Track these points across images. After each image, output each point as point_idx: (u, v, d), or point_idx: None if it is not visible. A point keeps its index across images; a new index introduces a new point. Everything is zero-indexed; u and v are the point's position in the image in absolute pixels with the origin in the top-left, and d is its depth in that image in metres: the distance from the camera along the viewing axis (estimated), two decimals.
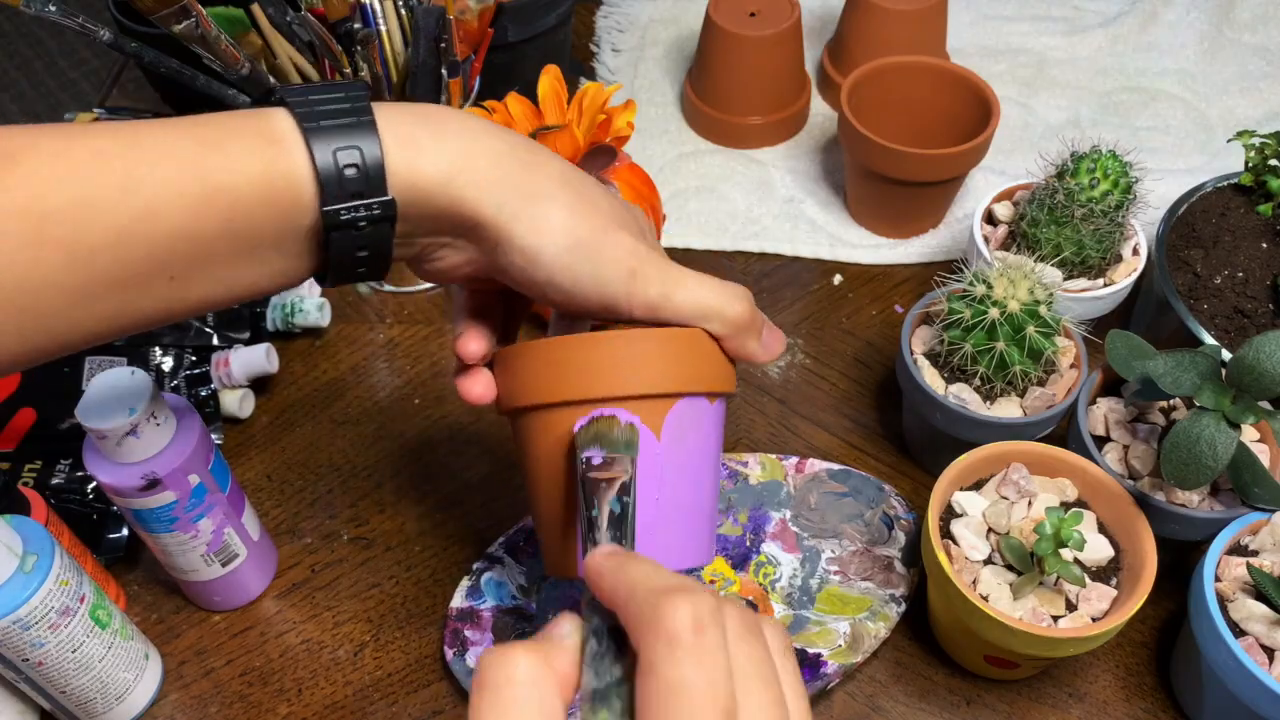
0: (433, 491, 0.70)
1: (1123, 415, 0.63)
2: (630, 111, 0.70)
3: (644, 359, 0.43)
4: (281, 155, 0.37)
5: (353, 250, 0.39)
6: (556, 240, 0.41)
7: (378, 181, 0.37)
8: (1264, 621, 0.53)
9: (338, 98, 0.38)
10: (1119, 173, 0.68)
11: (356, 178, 0.37)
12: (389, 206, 0.38)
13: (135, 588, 0.66)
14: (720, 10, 0.88)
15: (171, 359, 0.69)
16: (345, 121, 0.37)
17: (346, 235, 0.38)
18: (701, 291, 0.44)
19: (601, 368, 0.43)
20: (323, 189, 0.37)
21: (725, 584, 0.63)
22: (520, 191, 0.40)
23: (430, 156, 0.38)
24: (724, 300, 0.44)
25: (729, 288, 0.45)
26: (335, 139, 0.37)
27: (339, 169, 0.37)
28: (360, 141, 0.37)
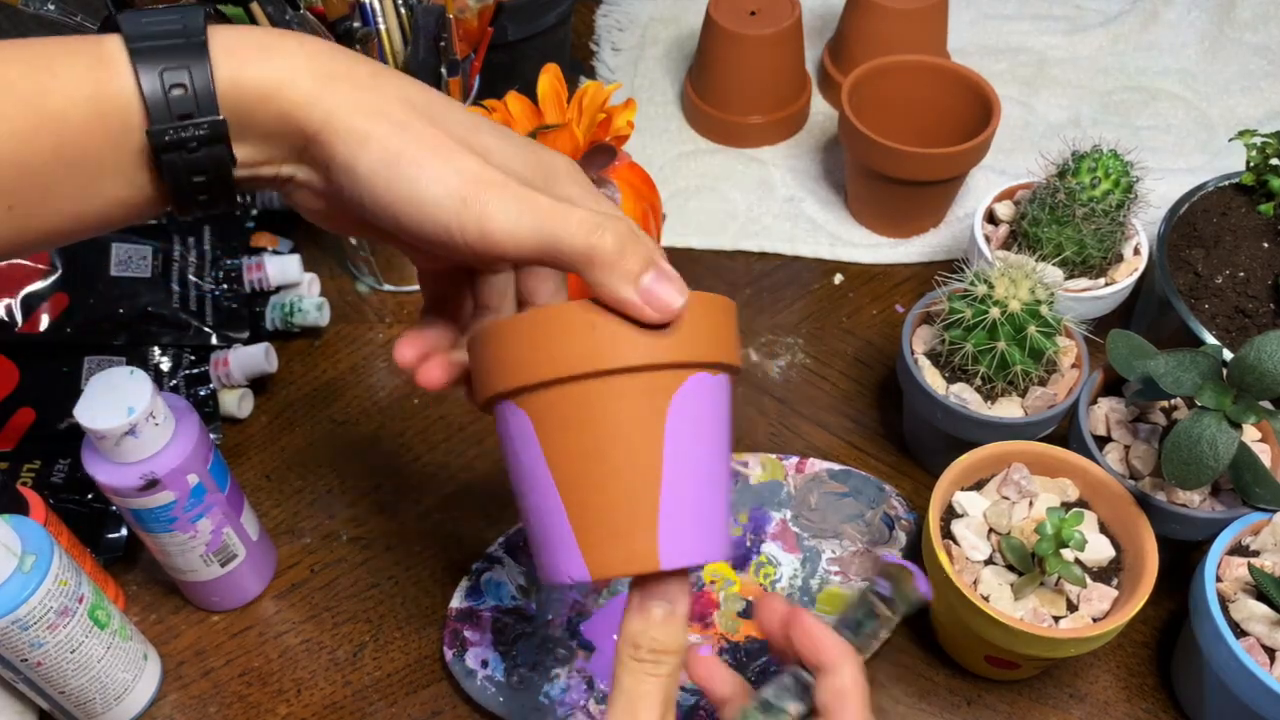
0: (433, 491, 0.70)
1: (1124, 415, 0.62)
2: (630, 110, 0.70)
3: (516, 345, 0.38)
4: (109, 78, 0.36)
5: (189, 174, 0.38)
6: (373, 154, 0.37)
7: (207, 102, 0.37)
8: (1265, 622, 0.53)
9: (171, 19, 0.37)
10: (1120, 172, 0.68)
11: (184, 98, 0.36)
12: (219, 126, 0.37)
13: (134, 588, 0.66)
14: (721, 9, 0.88)
15: (170, 359, 0.69)
16: (175, 42, 0.36)
17: (179, 157, 0.37)
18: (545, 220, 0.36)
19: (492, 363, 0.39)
20: (149, 111, 0.36)
21: (725, 584, 0.63)
22: (346, 106, 0.37)
23: (256, 69, 0.37)
24: (572, 231, 0.36)
25: (589, 217, 0.37)
26: (163, 59, 0.36)
27: (165, 90, 0.36)
28: (189, 62, 0.36)
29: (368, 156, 0.37)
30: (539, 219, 0.37)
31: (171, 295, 0.70)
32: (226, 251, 0.75)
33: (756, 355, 0.78)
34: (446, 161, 0.37)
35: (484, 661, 0.60)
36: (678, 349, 0.38)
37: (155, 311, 0.69)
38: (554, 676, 0.59)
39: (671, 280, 0.37)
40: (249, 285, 0.75)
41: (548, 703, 0.58)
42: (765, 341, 0.78)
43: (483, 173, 0.37)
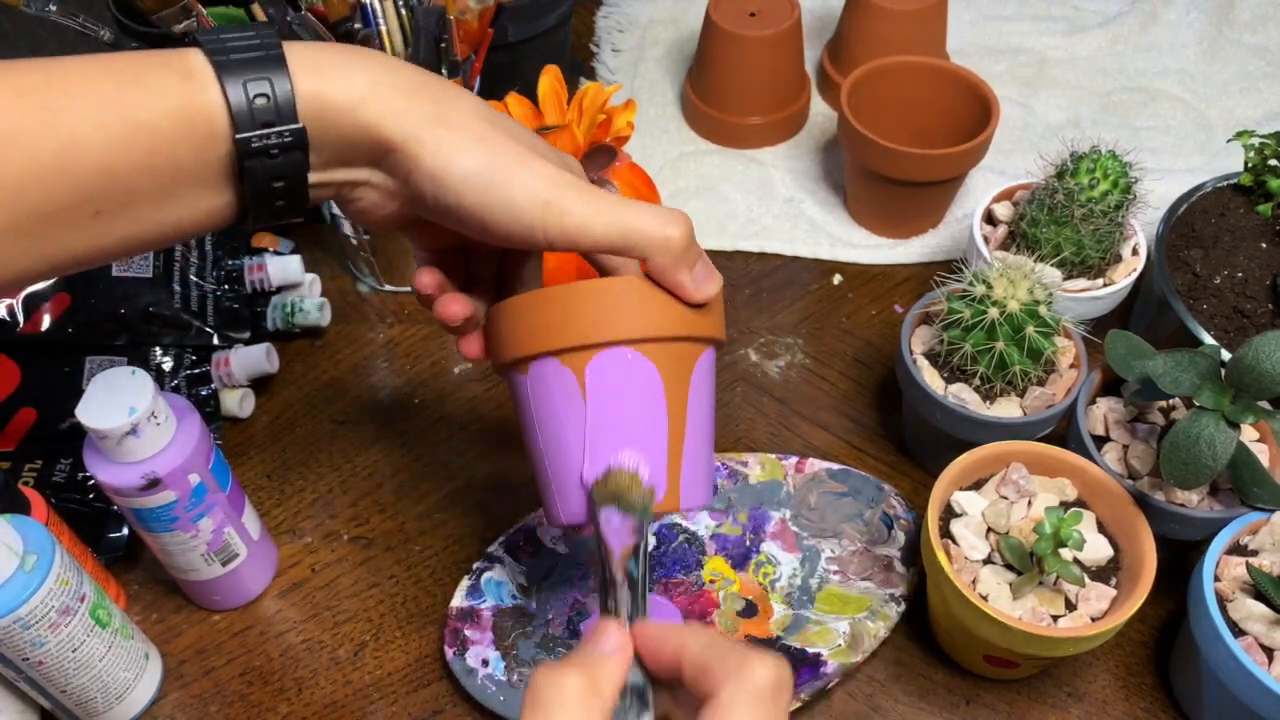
0: (433, 491, 0.70)
1: (1122, 415, 0.63)
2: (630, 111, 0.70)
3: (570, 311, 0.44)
4: (196, 89, 0.38)
5: (268, 180, 0.40)
6: (464, 164, 0.41)
7: (287, 110, 0.39)
8: (1263, 621, 0.53)
9: (248, 35, 0.39)
10: (1119, 173, 0.68)
11: (267, 107, 0.38)
12: (299, 134, 0.39)
13: (135, 587, 0.66)
14: (720, 10, 0.88)
15: (172, 359, 0.69)
16: (254, 55, 0.39)
17: (260, 164, 0.39)
18: (622, 216, 0.42)
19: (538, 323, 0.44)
20: (235, 119, 0.38)
21: (725, 583, 0.63)
22: (429, 118, 0.41)
23: (337, 84, 0.40)
24: (650, 225, 0.42)
25: (658, 212, 0.43)
26: (245, 72, 0.38)
27: (249, 99, 0.38)
28: (269, 74, 0.39)
29: (457, 166, 0.41)
30: (616, 215, 0.42)
31: (173, 295, 0.70)
32: (228, 252, 0.75)
33: (756, 355, 0.78)
34: (529, 169, 0.41)
35: (484, 660, 0.60)
36: (706, 325, 0.45)
37: (157, 311, 0.69)
38: None
39: (713, 270, 0.45)
40: (250, 285, 0.75)
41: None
42: (765, 342, 0.79)
43: (559, 177, 0.42)
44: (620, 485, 0.43)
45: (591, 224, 0.42)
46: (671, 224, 0.42)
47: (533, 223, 0.41)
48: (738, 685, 0.34)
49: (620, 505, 0.42)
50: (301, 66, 0.39)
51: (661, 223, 0.42)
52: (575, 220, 0.41)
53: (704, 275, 0.44)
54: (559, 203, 0.41)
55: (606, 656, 0.36)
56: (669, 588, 0.63)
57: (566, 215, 0.41)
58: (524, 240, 0.42)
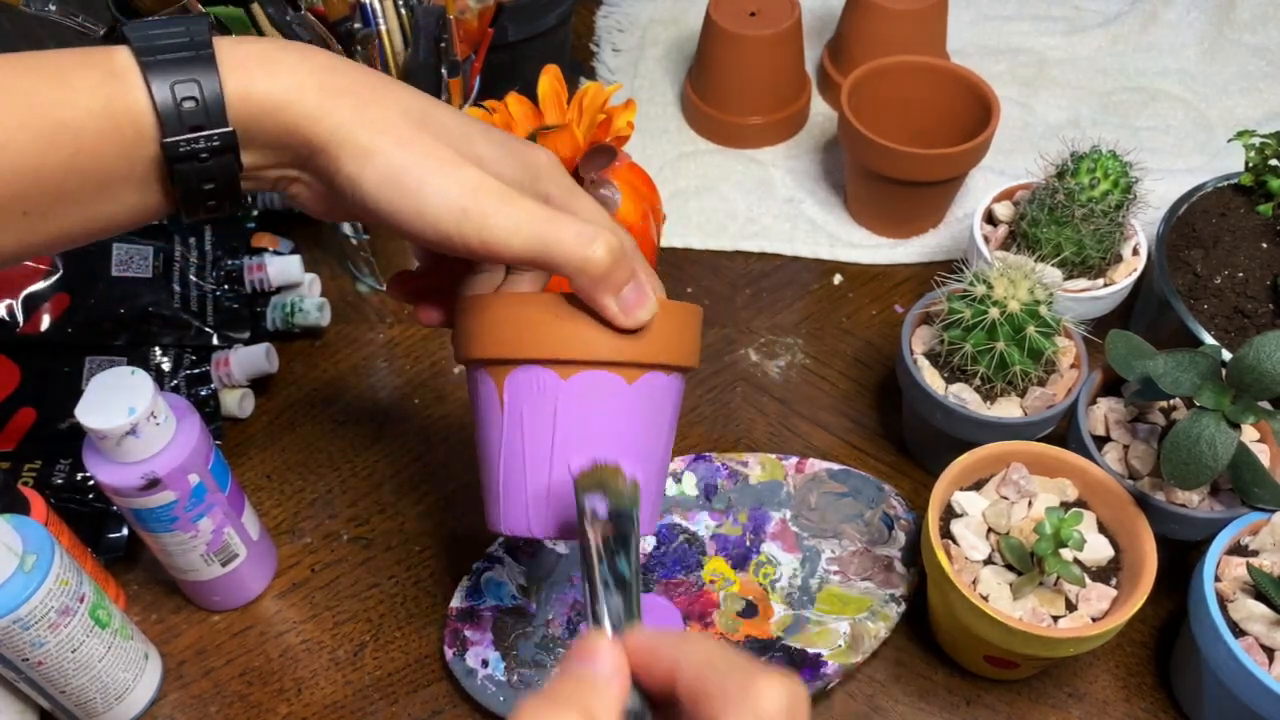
0: (433, 491, 0.70)
1: (1123, 415, 0.63)
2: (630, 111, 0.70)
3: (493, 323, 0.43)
4: (122, 90, 0.37)
5: (199, 183, 0.39)
6: (377, 170, 0.39)
7: (216, 113, 0.38)
8: (1264, 621, 0.53)
9: (177, 31, 0.38)
10: (1119, 173, 0.68)
11: (195, 110, 0.38)
12: (228, 138, 0.39)
13: (135, 587, 0.66)
14: (720, 10, 0.88)
15: (171, 359, 0.69)
16: (183, 55, 0.38)
17: (190, 166, 0.39)
18: (544, 230, 0.40)
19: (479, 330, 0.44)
20: (162, 123, 0.37)
21: (725, 584, 0.63)
22: (351, 121, 0.40)
23: (264, 84, 0.39)
24: (569, 242, 0.40)
25: (584, 230, 0.40)
26: (173, 72, 0.37)
27: (177, 102, 0.37)
28: (198, 74, 0.38)
29: (373, 171, 0.39)
30: (535, 229, 0.40)
31: (173, 295, 0.70)
32: (228, 252, 0.75)
33: (756, 355, 0.78)
34: (447, 175, 0.40)
35: (484, 661, 0.60)
36: (638, 351, 0.43)
37: (156, 312, 0.69)
38: (554, 676, 0.60)
39: (645, 296, 0.42)
40: (250, 285, 0.75)
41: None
42: (765, 342, 0.78)
43: (481, 184, 0.40)
44: (606, 475, 0.40)
45: (510, 238, 0.40)
46: (592, 241, 0.40)
47: (449, 230, 0.40)
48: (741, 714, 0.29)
49: (607, 494, 0.39)
50: (231, 65, 0.38)
51: (582, 241, 0.40)
52: (494, 232, 0.40)
53: (634, 300, 0.42)
54: (477, 212, 0.39)
55: (602, 683, 0.31)
56: (669, 588, 0.63)
57: (484, 227, 0.40)
58: (446, 247, 0.41)
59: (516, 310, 0.43)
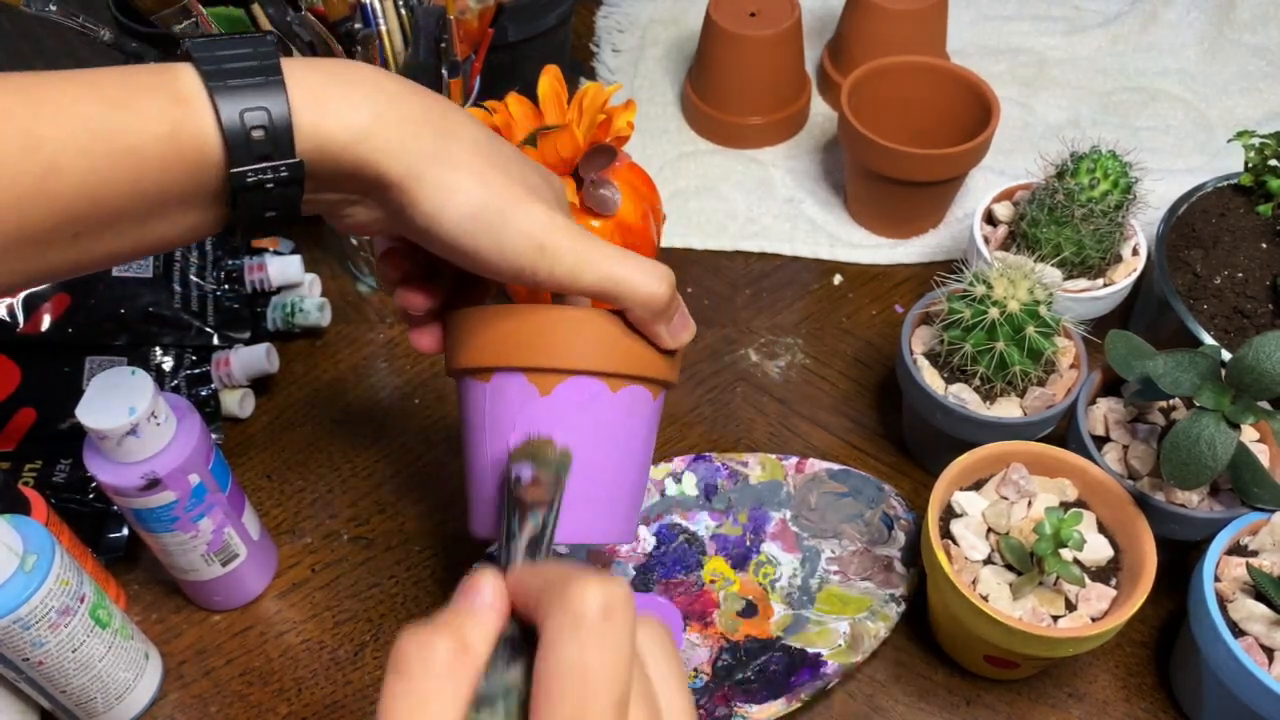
0: (433, 491, 0.70)
1: (1122, 415, 0.63)
2: (630, 111, 0.70)
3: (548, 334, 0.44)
4: (189, 116, 0.36)
5: (261, 211, 0.39)
6: (460, 208, 0.40)
7: (285, 144, 0.37)
8: (1263, 621, 0.53)
9: (245, 53, 0.37)
10: (1119, 173, 0.68)
11: (264, 140, 0.37)
12: (296, 169, 0.38)
13: (135, 587, 0.66)
14: (720, 10, 0.88)
15: (172, 359, 0.69)
16: (253, 81, 0.36)
17: (255, 196, 0.38)
18: (612, 268, 0.42)
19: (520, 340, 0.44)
20: (230, 151, 0.36)
21: (725, 584, 0.63)
22: (429, 156, 0.39)
23: (338, 117, 0.38)
24: (637, 279, 0.43)
25: (646, 268, 0.43)
26: (242, 99, 0.36)
27: (246, 131, 0.36)
28: (268, 101, 0.36)
29: (454, 209, 0.40)
30: (606, 267, 0.42)
31: (173, 295, 0.70)
32: (228, 252, 0.75)
33: (756, 355, 0.78)
34: (524, 213, 0.41)
35: None
36: (668, 370, 0.47)
37: (157, 312, 0.69)
38: None
39: (688, 320, 0.46)
40: (250, 285, 0.75)
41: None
42: (765, 341, 0.79)
43: (553, 220, 0.42)
44: (536, 445, 0.42)
45: (581, 273, 0.42)
46: (658, 280, 0.43)
47: (524, 266, 0.41)
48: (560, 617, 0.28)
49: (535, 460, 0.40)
50: (301, 94, 0.37)
51: (649, 279, 0.43)
52: (565, 268, 0.42)
53: (680, 326, 0.46)
54: (552, 249, 0.41)
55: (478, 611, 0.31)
56: (669, 587, 0.63)
57: (558, 263, 0.42)
58: (513, 280, 0.42)
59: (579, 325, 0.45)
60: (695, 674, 0.60)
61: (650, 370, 0.46)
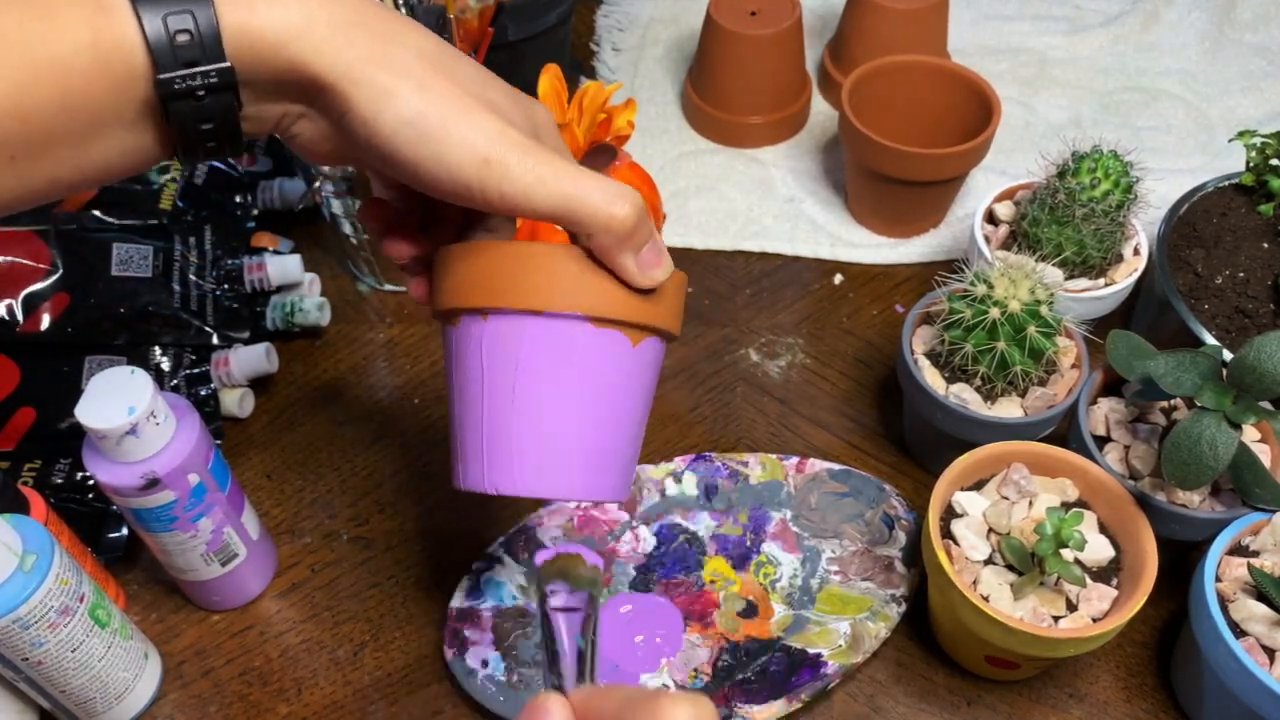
0: (433, 491, 0.70)
1: (1123, 415, 0.63)
2: (631, 110, 0.70)
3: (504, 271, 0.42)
4: (110, 23, 0.35)
5: (196, 123, 0.37)
6: (398, 112, 0.38)
7: (213, 48, 0.36)
8: (1265, 622, 0.53)
9: None
10: (1120, 172, 0.68)
11: (190, 44, 0.35)
12: (227, 74, 0.36)
13: (135, 587, 0.66)
14: (721, 9, 0.88)
15: (171, 359, 0.69)
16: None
17: (186, 105, 0.37)
18: (567, 186, 0.39)
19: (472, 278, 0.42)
20: (154, 57, 0.35)
21: (726, 584, 0.63)
22: (364, 59, 0.37)
23: (267, 15, 0.36)
24: (596, 198, 0.39)
25: (609, 187, 0.40)
26: (165, 4, 0.35)
27: (170, 35, 0.35)
28: (192, 5, 0.35)
29: (392, 114, 0.38)
30: (560, 184, 0.39)
31: (172, 295, 0.70)
32: (227, 251, 0.75)
33: (757, 355, 0.78)
34: (469, 122, 0.38)
35: (484, 661, 0.60)
36: (650, 313, 0.43)
37: (156, 311, 0.69)
38: None
39: (662, 255, 0.42)
40: (250, 285, 0.75)
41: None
42: (765, 341, 0.78)
43: (503, 133, 0.39)
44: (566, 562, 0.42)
45: (533, 191, 0.39)
46: (619, 200, 0.40)
47: (469, 181, 0.39)
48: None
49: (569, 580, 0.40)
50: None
51: (608, 199, 0.40)
52: (516, 185, 0.39)
53: (651, 259, 0.42)
54: (499, 163, 0.38)
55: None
56: (669, 588, 0.63)
57: (506, 178, 0.39)
58: (461, 198, 0.40)
59: (549, 261, 0.41)
60: (695, 674, 0.60)
61: (619, 311, 0.42)
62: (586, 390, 0.44)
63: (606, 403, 0.44)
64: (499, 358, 0.43)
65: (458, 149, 0.38)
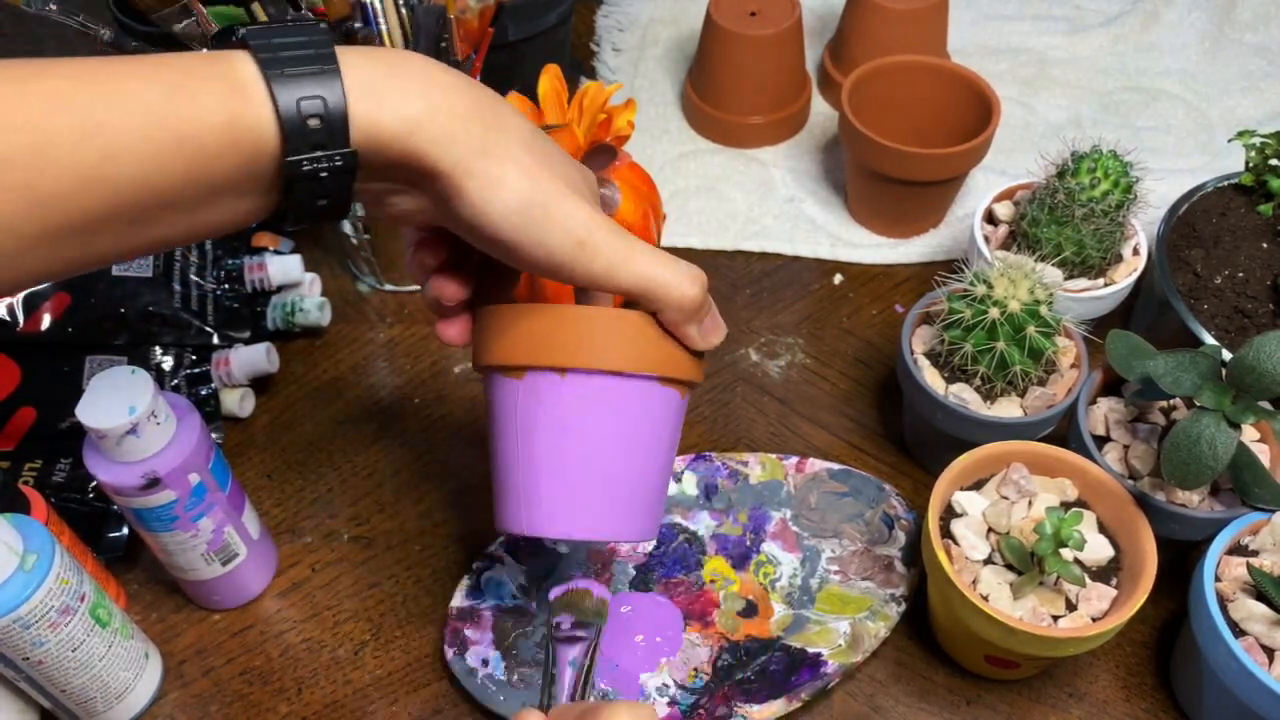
0: (433, 491, 0.70)
1: (1123, 415, 0.63)
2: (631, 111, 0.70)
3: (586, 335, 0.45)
4: (247, 104, 0.36)
5: (313, 200, 0.39)
6: (507, 201, 0.40)
7: (340, 133, 0.37)
8: (1264, 621, 0.53)
9: (300, 41, 0.37)
10: (1119, 172, 0.68)
11: (319, 129, 0.37)
12: (350, 159, 0.38)
13: (135, 587, 0.66)
14: (721, 10, 0.88)
15: (172, 358, 0.69)
16: (309, 69, 0.37)
17: (307, 185, 0.38)
18: (648, 268, 0.43)
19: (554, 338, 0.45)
20: (286, 140, 0.36)
21: (726, 583, 0.63)
22: (477, 150, 0.40)
23: (392, 108, 0.38)
24: (671, 281, 0.44)
25: (680, 269, 0.44)
26: (299, 87, 0.36)
27: (303, 119, 0.36)
28: (324, 90, 0.37)
29: (500, 202, 0.40)
30: (640, 266, 0.43)
31: (173, 295, 0.70)
32: (228, 251, 0.75)
33: (756, 355, 0.78)
34: (567, 210, 0.42)
35: (484, 660, 0.60)
36: (696, 370, 0.48)
37: (157, 311, 0.69)
38: None
39: (719, 323, 0.47)
40: (250, 285, 0.75)
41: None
42: (765, 341, 0.78)
43: (593, 218, 0.42)
44: (575, 596, 0.47)
45: (618, 271, 0.43)
46: (691, 282, 0.44)
47: (563, 262, 0.42)
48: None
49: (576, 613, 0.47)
50: (356, 84, 0.37)
51: (683, 280, 0.44)
52: (603, 265, 0.43)
53: (710, 327, 0.47)
54: (592, 246, 0.42)
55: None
56: (669, 587, 0.63)
57: (596, 259, 0.42)
58: (550, 275, 0.43)
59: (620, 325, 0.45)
60: (695, 674, 0.60)
61: (681, 371, 0.47)
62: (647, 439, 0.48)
63: (663, 449, 0.49)
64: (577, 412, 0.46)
65: (558, 234, 0.42)
